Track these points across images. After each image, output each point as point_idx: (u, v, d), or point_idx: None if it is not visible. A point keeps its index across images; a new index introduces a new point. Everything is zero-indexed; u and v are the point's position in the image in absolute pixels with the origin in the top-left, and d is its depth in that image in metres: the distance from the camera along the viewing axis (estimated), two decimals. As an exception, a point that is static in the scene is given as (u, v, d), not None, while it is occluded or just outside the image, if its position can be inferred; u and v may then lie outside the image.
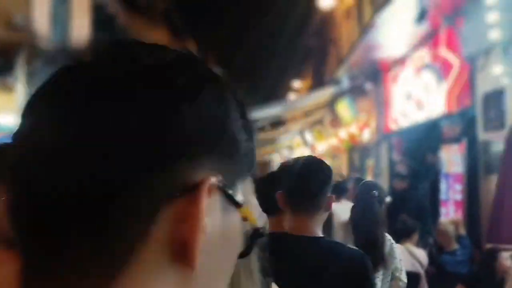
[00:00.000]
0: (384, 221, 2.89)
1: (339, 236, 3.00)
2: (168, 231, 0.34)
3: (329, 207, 1.58)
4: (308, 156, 2.28)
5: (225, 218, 0.37)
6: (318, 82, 17.13)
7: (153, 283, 0.33)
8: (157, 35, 13.70)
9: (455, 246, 4.32)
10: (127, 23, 11.34)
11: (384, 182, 8.70)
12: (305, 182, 1.54)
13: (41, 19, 7.11)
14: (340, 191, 3.94)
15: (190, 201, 0.34)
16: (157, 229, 0.33)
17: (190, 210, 0.34)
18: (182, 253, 0.34)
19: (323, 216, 1.59)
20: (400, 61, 7.70)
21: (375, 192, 2.87)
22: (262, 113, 10.09)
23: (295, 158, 1.79)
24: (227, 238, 0.38)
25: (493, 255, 3.87)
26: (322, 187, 1.55)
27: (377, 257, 2.67)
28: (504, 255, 3.76)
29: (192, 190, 0.34)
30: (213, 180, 0.35)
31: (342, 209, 3.25)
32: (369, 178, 9.97)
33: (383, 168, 8.84)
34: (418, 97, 7.11)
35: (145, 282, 0.33)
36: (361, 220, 2.83)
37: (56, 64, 0.36)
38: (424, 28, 5.98)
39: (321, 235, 1.54)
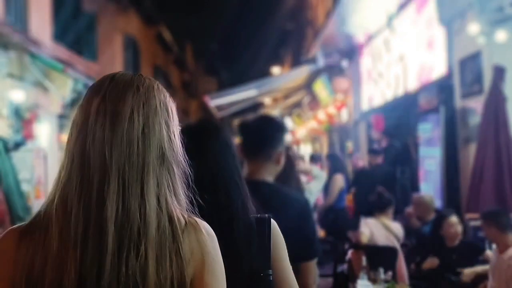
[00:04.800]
0: None
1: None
2: None
3: (279, 161, 1.74)
4: (263, 115, 2.60)
5: None
6: (296, 67, 16.82)
7: None
8: (128, 22, 13.19)
9: (433, 216, 4.10)
10: (93, 8, 10.82)
11: (363, 161, 8.48)
12: (253, 135, 1.74)
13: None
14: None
15: None
16: None
17: None
18: None
19: (274, 167, 1.75)
20: (375, 35, 7.44)
21: None
22: (239, 96, 9.75)
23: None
24: None
25: (440, 220, 3.69)
26: (268, 141, 1.73)
27: None
28: (452, 220, 3.56)
29: None
30: None
31: None
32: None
33: (362, 147, 8.62)
34: (393, 72, 6.86)
35: None
36: None
37: None
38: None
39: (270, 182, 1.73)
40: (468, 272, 3.30)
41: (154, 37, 16.71)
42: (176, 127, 0.90)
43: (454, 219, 3.57)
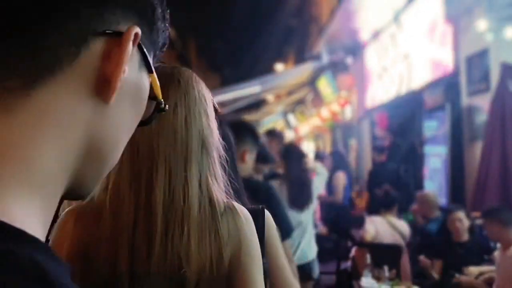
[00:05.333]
0: None
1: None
2: (94, 63, 0.39)
3: (243, 159, 1.90)
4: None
5: (139, 75, 0.43)
6: (300, 63, 16.73)
7: (68, 104, 0.38)
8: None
9: (438, 213, 4.06)
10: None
11: (366, 159, 8.45)
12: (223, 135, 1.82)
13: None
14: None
15: (117, 43, 0.39)
16: (86, 57, 0.38)
17: (116, 50, 0.39)
18: (102, 86, 0.39)
19: (239, 165, 1.88)
20: (381, 32, 7.38)
21: None
22: (242, 92, 9.69)
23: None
24: (137, 93, 0.44)
25: (446, 214, 3.67)
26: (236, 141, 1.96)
27: None
28: (456, 215, 3.54)
29: (120, 35, 0.40)
30: (138, 31, 0.40)
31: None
32: (352, 156, 9.73)
33: (366, 145, 8.57)
34: (398, 69, 6.81)
35: (62, 98, 0.37)
36: None
37: None
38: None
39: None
40: (473, 270, 3.27)
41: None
42: (213, 115, 0.96)
43: (459, 214, 3.53)
